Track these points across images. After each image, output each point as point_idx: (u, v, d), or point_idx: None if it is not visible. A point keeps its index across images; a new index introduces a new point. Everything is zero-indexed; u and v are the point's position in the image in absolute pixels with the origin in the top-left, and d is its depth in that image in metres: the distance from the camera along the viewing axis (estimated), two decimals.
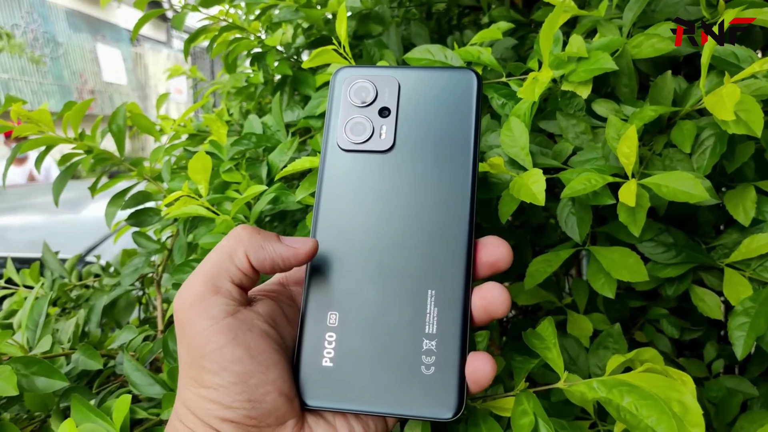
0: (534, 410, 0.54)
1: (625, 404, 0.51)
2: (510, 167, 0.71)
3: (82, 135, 1.00)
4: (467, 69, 0.58)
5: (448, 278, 0.52)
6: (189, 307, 0.47)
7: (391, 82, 0.58)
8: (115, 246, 1.48)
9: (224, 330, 0.47)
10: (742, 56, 0.68)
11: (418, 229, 0.54)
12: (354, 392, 0.50)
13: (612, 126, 0.68)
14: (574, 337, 0.83)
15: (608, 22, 0.78)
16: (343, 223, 0.54)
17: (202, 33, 1.25)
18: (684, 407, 0.51)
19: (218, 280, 0.48)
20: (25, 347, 0.80)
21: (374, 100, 0.57)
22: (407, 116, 0.57)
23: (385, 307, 0.52)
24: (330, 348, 0.51)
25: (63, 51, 12.08)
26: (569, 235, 0.72)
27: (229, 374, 0.46)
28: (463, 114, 0.56)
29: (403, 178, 0.55)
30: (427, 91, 0.57)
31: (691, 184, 0.61)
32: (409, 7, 1.32)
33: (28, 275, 1.21)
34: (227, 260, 0.49)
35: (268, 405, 0.47)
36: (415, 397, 0.50)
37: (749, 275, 0.73)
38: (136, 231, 1.08)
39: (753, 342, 0.67)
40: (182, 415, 0.48)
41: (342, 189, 0.55)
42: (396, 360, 0.51)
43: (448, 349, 0.51)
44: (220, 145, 0.94)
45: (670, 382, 0.53)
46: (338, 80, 0.59)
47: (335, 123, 0.57)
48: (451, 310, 0.52)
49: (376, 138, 0.56)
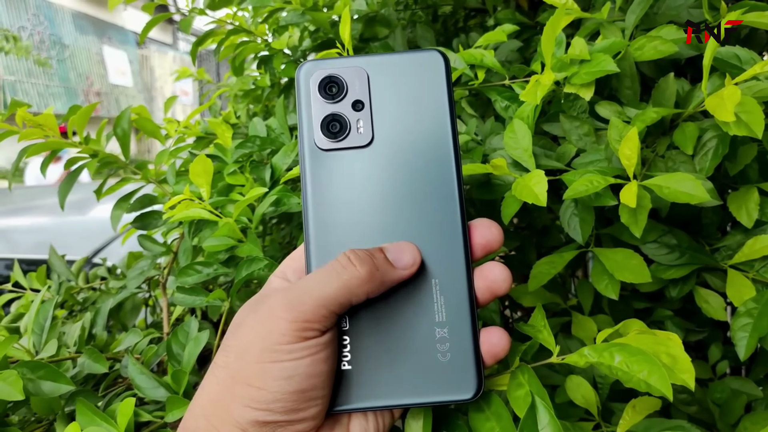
0: (529, 383, 0.54)
1: (617, 363, 0.51)
2: (513, 169, 0.71)
3: (87, 139, 1.01)
4: (433, 50, 0.57)
5: (449, 265, 0.53)
6: (290, 321, 0.47)
7: (359, 73, 0.56)
8: (122, 247, 1.48)
9: (311, 346, 0.47)
10: (744, 58, 0.68)
11: (412, 220, 0.53)
12: (376, 390, 0.51)
13: (614, 128, 0.68)
14: (579, 338, 0.83)
15: (611, 24, 0.79)
16: (336, 227, 0.54)
17: (210, 36, 1.26)
18: (673, 358, 0.52)
19: (328, 312, 0.48)
20: (32, 351, 0.80)
21: (345, 94, 0.56)
22: (381, 106, 0.55)
23: (393, 302, 0.52)
24: (346, 351, 0.52)
25: (69, 53, 12.12)
26: (572, 236, 0.73)
27: (292, 383, 0.46)
28: (435, 97, 0.55)
29: (388, 171, 0.54)
30: (396, 77, 0.56)
31: (692, 185, 0.61)
32: (415, 10, 1.32)
33: (35, 278, 1.21)
34: (345, 297, 0.49)
35: (310, 414, 0.48)
36: (435, 385, 0.51)
37: (752, 276, 0.73)
38: (142, 234, 1.08)
39: (756, 343, 0.67)
40: (208, 411, 0.48)
41: (329, 191, 0.54)
42: (412, 352, 0.51)
43: (460, 334, 0.52)
44: (225, 148, 0.95)
45: (656, 339, 0.53)
46: (303, 76, 0.56)
47: (308, 123, 0.55)
48: (457, 296, 0.52)
49: (354, 134, 0.55)
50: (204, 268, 0.81)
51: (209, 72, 1.95)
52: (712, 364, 0.89)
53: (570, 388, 0.74)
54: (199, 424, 0.48)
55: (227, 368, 0.49)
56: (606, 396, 0.77)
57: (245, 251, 0.78)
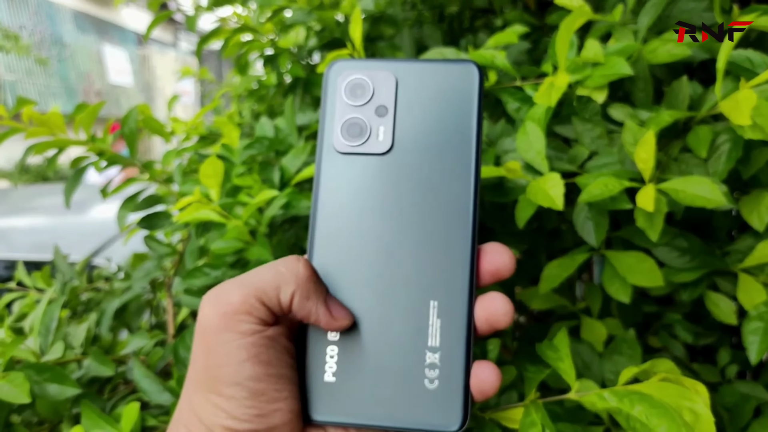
0: (542, 422, 0.53)
1: (635, 413, 0.50)
2: (526, 172, 0.70)
3: (94, 137, 1.00)
4: (468, 61, 0.55)
5: (451, 288, 0.51)
6: (220, 316, 0.47)
7: (388, 78, 0.54)
8: (122, 248, 1.48)
9: (248, 346, 0.46)
10: (756, 61, 0.68)
11: (420, 237, 0.52)
12: (357, 406, 0.50)
13: (629, 131, 0.68)
14: (588, 342, 0.83)
15: (623, 27, 0.78)
16: (341, 233, 0.53)
17: (216, 34, 1.25)
18: (695, 415, 0.51)
19: (257, 302, 0.47)
20: (37, 353, 0.80)
21: (371, 98, 0.54)
22: (405, 115, 0.54)
23: (387, 319, 0.51)
24: (332, 362, 0.51)
25: (70, 52, 12.12)
26: (586, 239, 0.72)
27: (243, 389, 0.46)
28: (463, 111, 0.53)
29: (402, 183, 0.53)
30: (425, 86, 0.54)
31: (708, 189, 0.60)
32: (422, 10, 1.32)
33: (39, 278, 1.21)
34: (273, 289, 0.48)
35: (276, 420, 0.47)
36: (419, 411, 0.49)
37: (763, 280, 0.73)
38: (147, 234, 1.08)
39: (767, 347, 0.67)
40: (187, 419, 0.48)
41: (339, 196, 0.53)
42: (399, 374, 0.50)
43: (451, 362, 0.50)
44: (232, 149, 0.94)
45: (681, 391, 0.52)
46: (332, 75, 0.55)
47: (330, 123, 0.55)
48: (454, 321, 0.50)
49: (373, 140, 0.53)
50: (212, 271, 0.80)
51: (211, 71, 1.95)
52: (721, 368, 0.89)
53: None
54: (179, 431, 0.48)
55: (188, 376, 0.49)
56: None
57: (255, 254, 0.78)
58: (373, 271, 0.52)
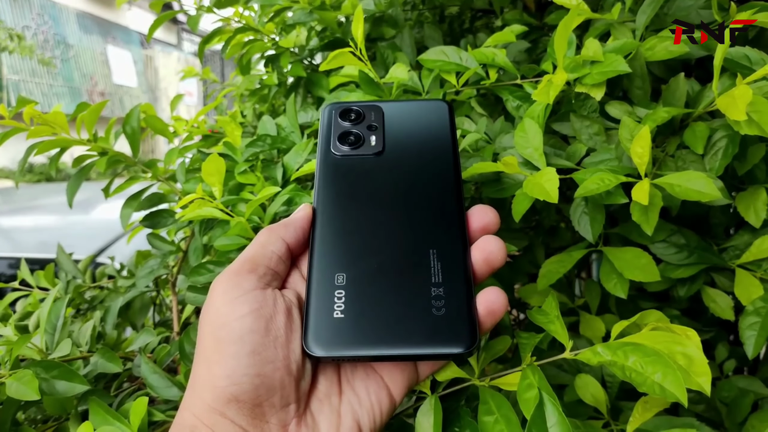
0: (539, 384, 0.54)
1: (630, 363, 0.51)
2: (524, 168, 0.71)
3: (96, 137, 1.01)
4: (439, 100, 0.67)
5: (446, 238, 0.56)
6: (224, 280, 0.51)
7: (375, 109, 0.66)
8: (125, 246, 1.48)
9: (250, 300, 0.50)
10: (754, 59, 0.68)
11: (415, 207, 0.58)
12: (366, 337, 0.51)
13: (625, 127, 0.68)
14: (587, 337, 0.84)
15: (621, 25, 0.79)
16: (343, 197, 0.59)
17: (217, 35, 1.26)
18: (689, 359, 0.51)
19: (255, 261, 0.53)
20: (43, 350, 0.80)
21: (362, 120, 0.65)
22: (392, 132, 0.64)
23: (389, 265, 0.54)
24: (340, 303, 0.53)
25: (73, 53, 12.14)
26: (582, 234, 0.73)
27: (245, 344, 0.48)
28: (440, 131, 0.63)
29: (396, 172, 0.61)
30: (406, 114, 0.66)
31: (703, 183, 0.61)
32: (422, 10, 1.33)
33: (43, 277, 1.21)
34: (262, 246, 0.54)
35: (276, 382, 0.48)
36: (427, 336, 0.51)
37: (760, 276, 0.74)
38: (150, 233, 1.08)
39: (764, 341, 0.68)
40: (189, 403, 0.49)
41: (337, 181, 0.60)
42: (406, 305, 0.52)
43: (455, 292, 0.53)
44: (235, 147, 0.95)
45: (673, 337, 0.53)
46: (327, 111, 0.66)
47: (327, 138, 0.64)
48: (453, 262, 0.54)
49: (366, 145, 0.63)
50: (216, 267, 0.81)
51: (214, 72, 1.96)
52: (719, 363, 0.90)
53: (579, 387, 0.74)
54: (185, 417, 0.49)
55: (194, 360, 0.51)
56: (615, 394, 0.77)
57: None
58: (375, 229, 0.57)
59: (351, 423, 0.52)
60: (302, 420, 0.50)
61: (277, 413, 0.49)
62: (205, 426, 0.47)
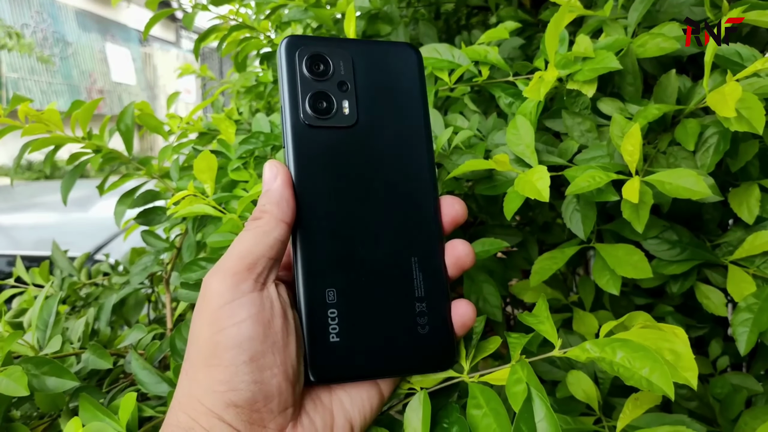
0: (527, 379, 0.54)
1: (618, 359, 0.51)
2: (516, 165, 0.71)
3: (90, 134, 1.01)
4: (407, 44, 0.61)
5: (425, 244, 0.56)
6: (221, 280, 0.49)
7: (344, 56, 0.58)
8: (124, 244, 1.48)
9: (248, 304, 0.49)
10: (745, 55, 0.68)
11: (391, 202, 0.57)
12: (364, 361, 0.53)
13: (616, 124, 0.68)
14: (580, 334, 0.84)
15: (614, 21, 0.79)
16: (322, 203, 0.55)
17: (213, 32, 1.26)
18: (676, 355, 0.52)
19: (252, 254, 0.51)
20: (36, 347, 0.80)
21: (332, 74, 0.58)
22: (363, 91, 0.58)
23: (377, 277, 0.55)
24: (334, 324, 0.53)
25: (72, 51, 12.13)
26: (574, 231, 0.73)
27: (243, 351, 0.47)
28: (411, 87, 0.60)
29: (370, 154, 0.57)
30: (375, 65, 0.59)
31: (693, 181, 0.61)
32: (418, 8, 1.33)
33: (38, 274, 1.21)
34: (262, 235, 0.52)
35: (273, 388, 0.48)
36: (417, 356, 0.54)
37: (753, 272, 0.74)
38: (145, 230, 1.08)
39: (756, 338, 0.68)
40: (185, 405, 0.49)
41: (314, 168, 0.55)
42: (397, 325, 0.54)
43: (437, 308, 0.56)
44: (228, 144, 0.95)
45: (661, 334, 0.53)
46: (287, 50, 0.57)
47: (294, 98, 0.56)
48: (432, 271, 0.56)
49: (340, 114, 0.57)
50: (208, 264, 0.81)
51: (212, 70, 1.96)
52: (713, 360, 0.90)
53: (571, 383, 0.74)
54: (180, 419, 0.49)
55: (188, 359, 0.51)
56: (607, 391, 0.77)
57: None
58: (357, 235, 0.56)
59: (343, 421, 0.53)
60: (298, 422, 0.51)
61: (275, 418, 0.49)
62: (202, 428, 0.47)
